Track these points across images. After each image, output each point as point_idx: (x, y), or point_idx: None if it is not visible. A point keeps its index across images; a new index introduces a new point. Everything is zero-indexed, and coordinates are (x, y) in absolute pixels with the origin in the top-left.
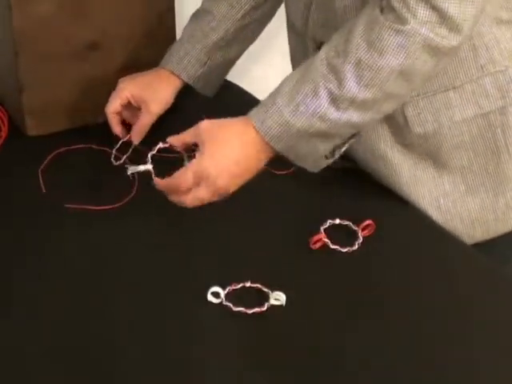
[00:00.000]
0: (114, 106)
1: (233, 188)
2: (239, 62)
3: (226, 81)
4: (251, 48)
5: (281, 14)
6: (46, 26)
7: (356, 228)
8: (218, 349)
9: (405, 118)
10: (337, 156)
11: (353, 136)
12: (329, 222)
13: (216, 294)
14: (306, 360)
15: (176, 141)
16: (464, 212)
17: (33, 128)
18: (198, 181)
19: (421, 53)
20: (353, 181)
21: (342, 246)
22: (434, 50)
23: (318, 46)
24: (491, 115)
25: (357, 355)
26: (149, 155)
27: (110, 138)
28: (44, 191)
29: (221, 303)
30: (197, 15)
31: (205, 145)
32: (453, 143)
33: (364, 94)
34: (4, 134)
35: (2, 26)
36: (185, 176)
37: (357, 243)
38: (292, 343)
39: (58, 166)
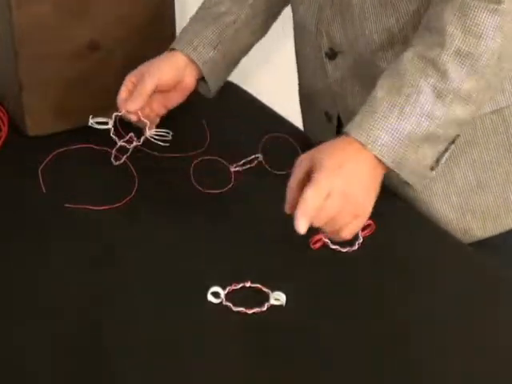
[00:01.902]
0: (120, 95)
1: (367, 207)
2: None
3: (227, 81)
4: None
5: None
6: (45, 25)
7: None
8: (218, 349)
9: None
10: (439, 168)
11: (453, 141)
12: None
13: (216, 294)
14: (306, 360)
15: (293, 183)
16: (476, 207)
17: (33, 128)
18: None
19: None
20: None
21: (342, 246)
22: None
23: (333, 46)
24: (505, 111)
25: (357, 355)
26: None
27: (109, 137)
28: (44, 191)
29: (221, 303)
30: (202, 6)
31: (321, 165)
32: (465, 138)
33: (469, 84)
34: (4, 134)
35: (2, 26)
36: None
37: (357, 243)
38: (292, 343)
39: (58, 166)
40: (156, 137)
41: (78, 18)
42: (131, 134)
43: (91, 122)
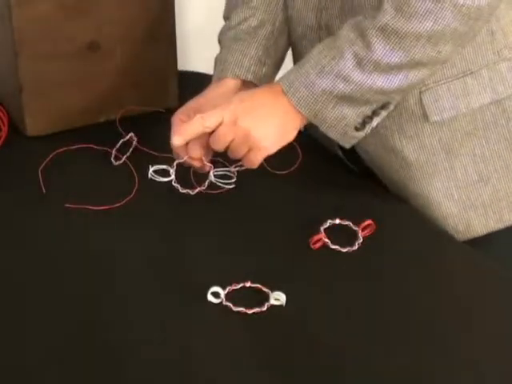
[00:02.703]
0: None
1: (258, 134)
2: None
3: None
4: None
5: None
6: (46, 25)
7: (356, 228)
8: (218, 349)
9: (422, 106)
10: (368, 130)
11: (382, 107)
12: (329, 222)
13: (216, 294)
14: (306, 360)
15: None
16: (477, 201)
17: (33, 128)
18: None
19: (451, 19)
20: (353, 181)
21: (342, 246)
22: (464, 16)
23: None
24: (506, 101)
25: (356, 355)
26: (174, 163)
27: (109, 138)
28: (44, 191)
29: (221, 303)
30: (229, 26)
31: (235, 101)
32: (466, 131)
33: (389, 58)
34: (4, 134)
35: (2, 25)
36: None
37: (357, 243)
38: (292, 343)
39: (58, 166)
40: (221, 180)
41: (78, 18)
42: (131, 134)
43: (151, 172)
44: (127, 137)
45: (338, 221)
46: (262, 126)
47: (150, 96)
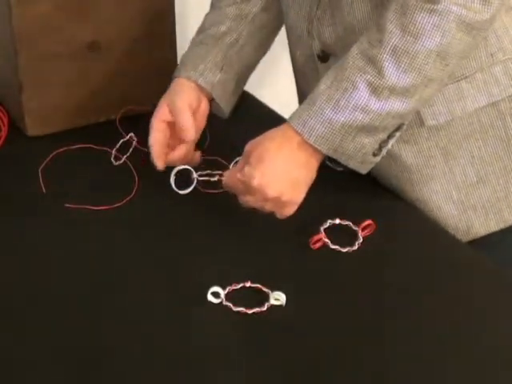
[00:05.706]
0: (153, 137)
1: (288, 197)
2: None
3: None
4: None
5: None
6: (45, 25)
7: (356, 228)
8: (218, 349)
9: (417, 111)
10: (384, 152)
11: (397, 129)
12: (329, 222)
13: (216, 294)
14: (306, 360)
15: (230, 177)
16: (477, 202)
17: (33, 128)
18: (247, 191)
19: (456, 31)
20: (353, 181)
21: (342, 246)
22: (468, 27)
23: (324, 47)
24: (501, 103)
25: (356, 355)
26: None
27: (110, 138)
28: (44, 191)
29: (221, 303)
30: (202, 28)
31: (251, 157)
32: (463, 134)
33: (404, 81)
34: (4, 134)
35: (2, 25)
36: (235, 181)
37: (357, 243)
38: (292, 343)
39: (58, 166)
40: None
41: (78, 18)
42: (131, 134)
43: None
44: (127, 137)
45: (338, 221)
46: (290, 189)
47: (150, 96)
